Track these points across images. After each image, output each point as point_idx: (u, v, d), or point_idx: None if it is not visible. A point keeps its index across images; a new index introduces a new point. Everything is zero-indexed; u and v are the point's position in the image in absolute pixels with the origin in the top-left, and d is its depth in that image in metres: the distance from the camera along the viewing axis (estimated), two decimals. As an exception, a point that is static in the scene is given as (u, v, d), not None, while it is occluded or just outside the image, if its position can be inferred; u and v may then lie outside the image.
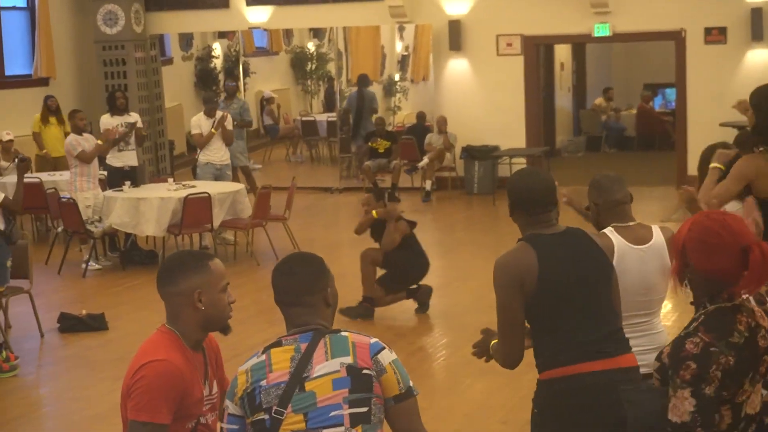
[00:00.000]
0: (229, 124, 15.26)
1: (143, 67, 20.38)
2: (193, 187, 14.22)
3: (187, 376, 3.99)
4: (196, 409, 4.07)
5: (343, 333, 3.91)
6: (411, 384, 3.92)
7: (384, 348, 3.90)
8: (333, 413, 3.79)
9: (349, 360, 3.83)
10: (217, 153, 15.29)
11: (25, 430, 8.69)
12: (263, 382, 3.84)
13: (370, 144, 19.57)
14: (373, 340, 3.92)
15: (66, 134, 17.69)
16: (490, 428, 8.04)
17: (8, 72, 19.66)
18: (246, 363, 3.95)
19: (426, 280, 13.27)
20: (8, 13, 19.91)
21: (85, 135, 14.04)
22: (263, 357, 3.90)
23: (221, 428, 3.99)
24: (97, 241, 14.09)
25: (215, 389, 4.19)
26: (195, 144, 15.73)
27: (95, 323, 11.06)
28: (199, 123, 15.28)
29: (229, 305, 4.15)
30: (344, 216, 18.18)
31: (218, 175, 15.20)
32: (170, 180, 15.16)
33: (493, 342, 4.97)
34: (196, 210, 13.52)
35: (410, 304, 11.89)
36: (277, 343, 3.92)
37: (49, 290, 12.83)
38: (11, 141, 16.59)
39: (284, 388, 3.81)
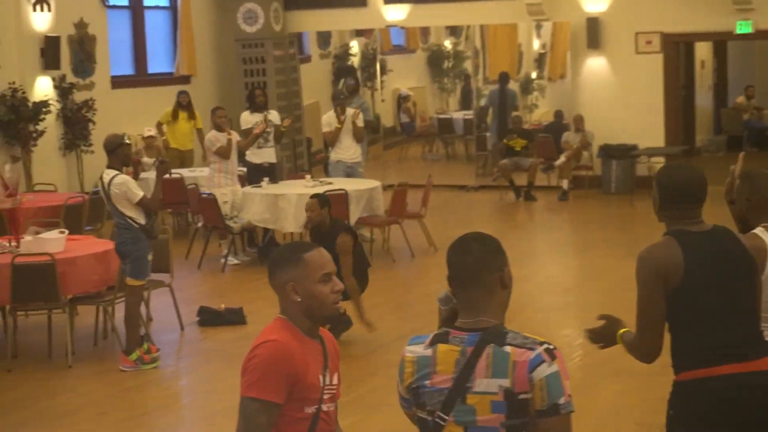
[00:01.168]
0: (359, 121, 15.30)
1: (282, 64, 20.63)
2: (330, 183, 14.33)
3: (300, 358, 4.01)
4: (313, 394, 4.06)
5: (507, 348, 3.70)
6: (561, 401, 3.69)
7: (543, 362, 3.68)
8: None
9: (507, 384, 3.67)
10: (347, 151, 15.33)
11: (165, 421, 8.87)
12: (427, 383, 3.77)
13: (505, 142, 19.51)
14: (536, 352, 3.70)
15: (198, 130, 18.05)
16: (625, 430, 7.97)
17: (151, 70, 20.07)
18: (413, 347, 3.85)
19: (559, 279, 13.23)
20: (151, 13, 20.33)
21: (226, 131, 14.26)
22: (429, 351, 3.79)
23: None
24: (236, 236, 14.30)
25: (336, 379, 4.18)
26: (326, 141, 15.84)
27: (234, 317, 11.24)
28: (330, 121, 15.36)
29: (334, 294, 4.11)
30: (480, 214, 18.17)
31: (349, 173, 15.24)
32: (307, 176, 15.30)
33: (621, 332, 4.89)
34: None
35: (546, 303, 11.84)
36: (444, 338, 3.79)
37: (189, 284, 13.06)
38: (152, 137, 16.95)
39: (447, 395, 3.73)
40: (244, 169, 15.15)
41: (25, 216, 11.51)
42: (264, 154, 15.07)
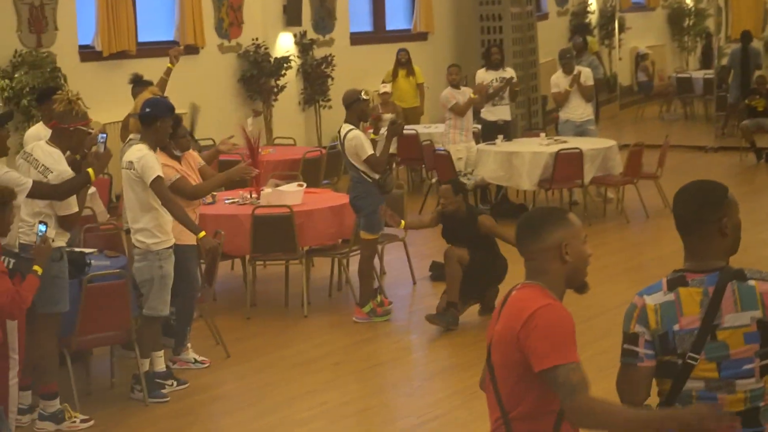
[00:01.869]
0: (588, 80, 15.07)
1: (519, 22, 20.50)
2: (565, 142, 14.23)
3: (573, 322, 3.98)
4: None
5: (750, 282, 3.85)
6: None
7: None
8: (745, 366, 3.84)
9: (759, 314, 3.83)
10: (576, 110, 15.13)
11: (394, 374, 9.03)
12: (675, 327, 3.86)
13: (747, 102, 18.94)
14: None
15: (419, 86, 18.11)
16: None
17: (389, 26, 20.27)
18: (650, 294, 3.94)
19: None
20: (390, -31, 20.49)
21: (462, 89, 14.32)
22: (671, 296, 3.89)
23: (630, 350, 3.94)
24: (469, 193, 14.35)
25: None
26: (554, 102, 15.70)
27: (465, 273, 11.29)
28: (557, 81, 15.20)
29: (588, 258, 4.07)
30: (718, 175, 17.64)
31: (579, 132, 15.01)
32: (542, 135, 15.23)
33: None
34: (567, 165, 13.54)
35: None
36: (682, 281, 3.91)
37: (422, 239, 13.17)
38: (388, 93, 17.10)
39: (697, 335, 3.84)
40: (479, 126, 15.18)
41: (265, 169, 11.84)
42: (499, 112, 15.06)
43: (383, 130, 10.84)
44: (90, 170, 7.34)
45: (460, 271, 9.63)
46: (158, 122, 8.12)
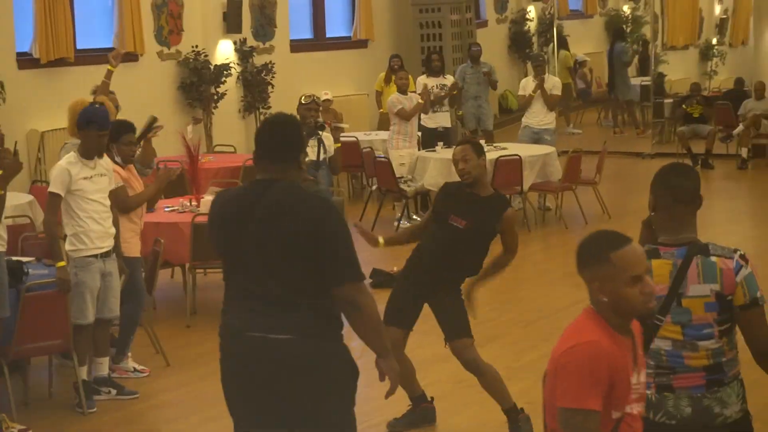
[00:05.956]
0: (554, 89, 15.16)
1: (458, 29, 20.61)
2: (504, 149, 14.31)
3: (616, 361, 3.76)
4: (624, 399, 3.82)
5: (712, 258, 4.34)
6: (758, 295, 4.35)
7: (742, 267, 4.35)
8: (705, 330, 4.36)
9: (717, 287, 4.31)
10: (535, 117, 15.21)
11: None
12: None
13: (684, 108, 19.14)
14: (736, 258, 4.36)
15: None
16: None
17: (329, 34, 20.26)
18: None
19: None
20: (330, -23, 20.50)
21: (410, 94, 14.37)
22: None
23: None
24: (410, 200, 14.39)
25: (642, 377, 3.95)
26: (519, 105, 15.81)
27: (406, 280, 11.31)
28: (525, 85, 15.33)
29: (644, 296, 3.78)
30: (655, 182, 17.90)
31: (536, 139, 15.11)
32: (481, 141, 15.27)
33: None
34: (506, 172, 13.61)
35: None
36: (655, 254, 4.36)
37: (363, 246, 13.05)
38: (329, 100, 17.11)
39: (664, 301, 4.32)
40: (419, 133, 15.23)
41: (205, 176, 11.80)
42: (438, 119, 15.13)
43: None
44: None
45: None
46: (82, 131, 8.02)
